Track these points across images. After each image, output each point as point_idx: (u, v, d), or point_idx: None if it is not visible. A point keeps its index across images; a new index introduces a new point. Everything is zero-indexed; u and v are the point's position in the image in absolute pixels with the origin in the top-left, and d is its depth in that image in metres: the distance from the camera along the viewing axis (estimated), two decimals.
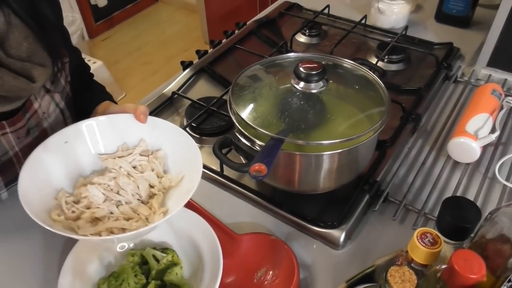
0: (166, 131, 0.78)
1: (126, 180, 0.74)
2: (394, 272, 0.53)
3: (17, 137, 0.86)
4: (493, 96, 1.00)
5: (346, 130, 0.90)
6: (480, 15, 1.41)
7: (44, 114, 0.89)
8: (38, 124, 0.89)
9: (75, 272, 0.73)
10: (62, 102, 0.94)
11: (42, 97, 0.88)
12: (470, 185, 0.92)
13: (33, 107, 0.87)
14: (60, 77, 0.91)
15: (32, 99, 0.86)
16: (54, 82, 0.89)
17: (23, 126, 0.86)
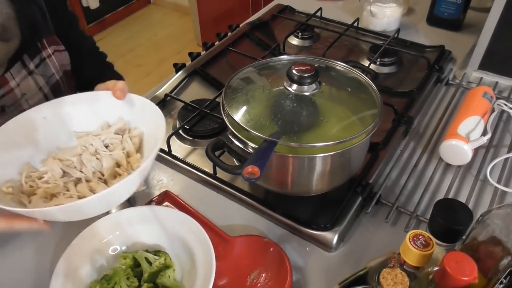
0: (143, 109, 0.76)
1: (89, 157, 0.73)
2: (386, 274, 0.53)
3: None
4: (485, 98, 1.00)
5: (339, 132, 0.91)
6: (472, 18, 1.42)
7: (24, 95, 0.88)
8: (15, 104, 0.88)
9: (67, 275, 0.72)
10: (47, 87, 0.93)
11: (22, 78, 0.87)
12: (462, 188, 0.92)
13: (9, 85, 0.85)
14: (47, 61, 0.90)
15: (8, 76, 0.84)
16: (39, 65, 0.89)
17: None
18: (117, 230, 0.80)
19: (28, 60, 0.88)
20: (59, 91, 0.98)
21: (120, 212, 0.82)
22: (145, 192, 0.92)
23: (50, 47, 0.93)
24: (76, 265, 0.74)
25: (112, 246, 0.79)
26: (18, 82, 0.87)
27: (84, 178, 0.71)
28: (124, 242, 0.80)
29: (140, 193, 0.92)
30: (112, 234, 0.79)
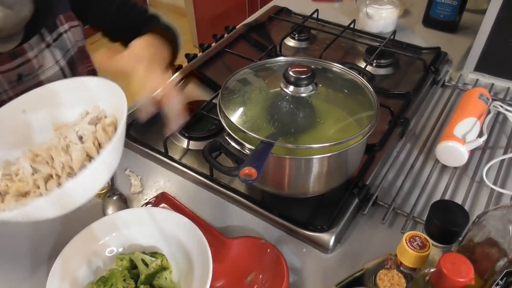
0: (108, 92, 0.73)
1: (57, 152, 0.69)
2: (383, 276, 0.53)
3: (9, 80, 0.90)
4: (481, 100, 1.01)
5: (336, 134, 0.91)
6: (467, 20, 1.42)
7: (41, 67, 0.94)
8: (32, 74, 0.93)
9: (63, 277, 0.72)
10: (63, 61, 0.99)
11: (40, 50, 0.93)
12: (458, 189, 0.92)
13: (27, 55, 0.90)
14: (64, 36, 0.97)
15: (26, 47, 0.89)
16: (56, 39, 0.95)
17: (12, 69, 0.89)
18: (114, 232, 0.79)
19: (47, 34, 0.93)
20: (74, 65, 1.02)
21: (116, 213, 0.82)
22: (142, 194, 0.92)
23: (67, 22, 0.98)
24: (73, 266, 0.74)
25: (108, 248, 0.79)
26: (36, 54, 0.92)
27: (54, 173, 0.68)
28: (121, 244, 0.79)
29: (137, 194, 0.92)
30: (108, 236, 0.79)
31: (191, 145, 1.02)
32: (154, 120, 1.10)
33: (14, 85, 0.91)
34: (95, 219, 0.80)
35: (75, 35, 1.01)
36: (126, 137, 1.02)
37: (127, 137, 1.02)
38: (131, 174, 0.95)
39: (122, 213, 0.82)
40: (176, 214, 0.80)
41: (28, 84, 0.93)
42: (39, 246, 0.83)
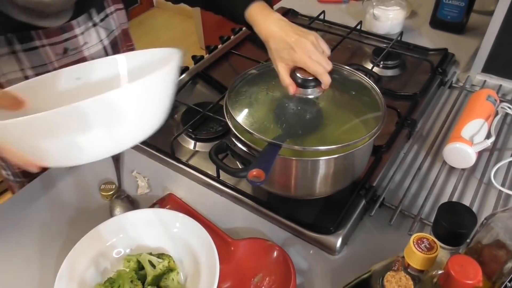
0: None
1: None
2: (390, 278, 0.53)
3: (55, 53, 0.95)
4: (488, 101, 1.00)
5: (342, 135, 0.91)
6: (475, 21, 1.42)
7: (86, 43, 1.00)
8: (77, 49, 0.99)
9: (71, 278, 0.72)
10: (107, 40, 1.05)
11: (86, 28, 0.99)
12: (466, 191, 0.92)
13: (74, 31, 0.96)
14: (110, 18, 1.04)
15: (74, 24, 0.96)
16: (103, 20, 1.02)
17: (60, 43, 0.95)
18: (121, 233, 0.80)
19: (95, 14, 0.99)
20: (116, 46, 1.09)
21: (124, 215, 0.82)
22: (149, 195, 0.93)
23: (113, 5, 1.05)
24: (80, 267, 0.74)
25: (116, 249, 0.79)
26: (83, 31, 0.98)
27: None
28: (128, 245, 0.80)
29: (144, 196, 0.92)
30: (116, 237, 0.79)
31: (197, 147, 1.03)
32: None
33: (60, 57, 0.97)
34: (102, 220, 0.80)
35: (120, 17, 1.08)
36: None
37: None
38: (138, 175, 0.96)
39: (129, 214, 0.82)
40: (183, 216, 0.81)
41: (72, 58, 0.99)
42: (47, 248, 0.83)
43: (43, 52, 0.94)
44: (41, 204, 0.92)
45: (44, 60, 0.94)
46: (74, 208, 0.90)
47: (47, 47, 0.94)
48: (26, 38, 0.90)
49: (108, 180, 0.94)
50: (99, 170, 0.98)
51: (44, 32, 0.91)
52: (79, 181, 0.96)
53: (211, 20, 3.14)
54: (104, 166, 0.98)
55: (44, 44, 0.93)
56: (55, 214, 0.89)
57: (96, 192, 0.93)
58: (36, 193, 0.94)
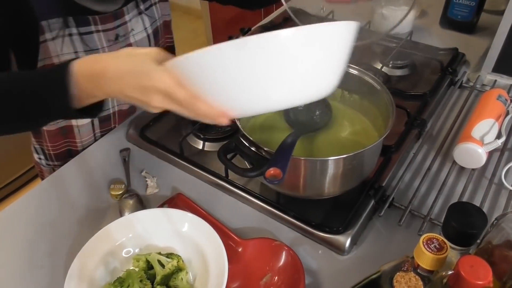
0: None
1: None
2: (400, 278, 0.53)
3: (108, 39, 1.00)
4: (499, 101, 1.00)
5: (352, 135, 0.91)
6: (485, 20, 1.41)
7: (132, 30, 1.05)
8: (126, 36, 1.04)
9: (80, 277, 0.73)
10: (150, 29, 1.09)
11: (134, 15, 1.04)
12: (476, 191, 0.91)
13: (124, 17, 1.01)
14: (153, 7, 1.09)
15: (124, 10, 1.00)
16: (147, 8, 1.07)
17: (112, 29, 1.00)
18: (130, 233, 0.80)
19: (141, 2, 1.04)
20: (157, 36, 1.13)
21: (133, 214, 0.82)
22: (158, 195, 0.93)
23: None
24: (90, 267, 0.75)
25: (125, 249, 0.79)
26: (131, 18, 1.03)
27: None
28: (137, 245, 0.80)
29: (153, 195, 0.93)
30: (125, 237, 0.80)
31: (206, 147, 1.03)
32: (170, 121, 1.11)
33: (111, 44, 1.01)
34: (111, 220, 0.80)
35: (163, 9, 1.12)
36: (142, 139, 1.03)
37: (143, 138, 1.03)
38: (147, 175, 0.96)
39: (138, 214, 0.82)
40: (192, 215, 0.81)
41: (121, 45, 1.03)
42: (57, 247, 0.84)
43: (97, 38, 0.98)
44: (51, 204, 0.92)
45: (96, 45, 0.98)
46: (84, 208, 0.91)
47: (101, 33, 0.98)
48: (83, 22, 0.94)
49: (118, 180, 0.95)
50: (109, 170, 0.98)
51: (100, 18, 0.96)
52: (89, 181, 0.96)
53: (220, 20, 3.15)
54: (113, 166, 0.99)
55: (99, 29, 0.97)
56: (65, 214, 0.90)
57: (106, 192, 0.93)
58: (46, 193, 0.95)
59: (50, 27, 0.90)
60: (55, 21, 0.90)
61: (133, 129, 1.06)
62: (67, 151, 1.11)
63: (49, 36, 0.91)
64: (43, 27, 0.90)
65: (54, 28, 0.91)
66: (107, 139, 1.08)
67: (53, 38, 0.92)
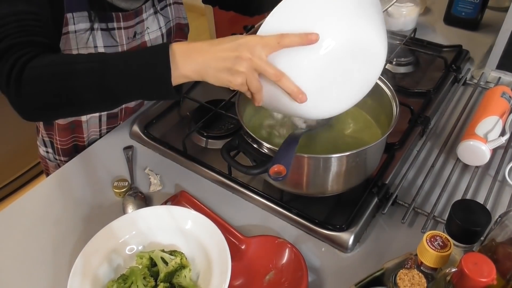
0: None
1: None
2: (403, 276, 0.53)
3: (128, 36, 1.01)
4: (503, 98, 0.99)
5: (355, 132, 0.90)
6: (489, 17, 1.40)
7: (148, 28, 1.06)
8: (142, 33, 1.05)
9: (84, 274, 0.73)
10: (164, 28, 1.11)
11: (150, 14, 1.05)
12: (480, 188, 0.91)
13: (142, 15, 1.03)
14: (168, 8, 1.11)
15: (143, 8, 1.02)
16: (163, 8, 1.09)
17: (132, 26, 1.01)
18: (134, 230, 0.80)
19: (157, 1, 1.06)
20: (170, 36, 1.15)
21: (136, 212, 0.82)
22: (161, 192, 0.93)
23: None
24: (94, 264, 0.75)
25: (128, 246, 0.80)
26: (147, 16, 1.05)
27: None
28: (141, 242, 0.80)
29: (156, 193, 0.93)
30: (128, 234, 0.80)
31: (209, 144, 1.03)
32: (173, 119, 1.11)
33: (130, 41, 1.02)
34: (115, 217, 0.81)
35: (177, 11, 1.15)
36: (145, 136, 1.03)
37: (146, 136, 1.03)
38: (151, 173, 0.96)
39: (141, 211, 0.83)
40: (195, 213, 0.81)
41: (137, 42, 1.05)
42: (61, 244, 0.84)
43: (118, 34, 0.99)
44: (55, 201, 0.92)
45: (117, 42, 0.99)
46: (87, 205, 0.91)
47: (122, 30, 0.99)
48: (106, 18, 0.96)
49: (121, 177, 0.95)
50: (112, 167, 0.98)
51: (123, 15, 0.97)
52: (92, 178, 0.97)
53: (224, 18, 3.14)
54: (117, 163, 0.99)
55: (121, 26, 0.99)
56: (69, 211, 0.90)
57: (109, 189, 0.93)
58: (50, 190, 0.95)
59: (74, 20, 0.91)
60: (80, 15, 0.91)
61: (137, 126, 1.06)
62: (73, 147, 1.11)
63: (72, 28, 0.92)
64: (67, 19, 0.90)
65: (78, 21, 0.92)
66: (111, 137, 1.08)
67: (76, 31, 0.92)
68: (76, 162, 1.01)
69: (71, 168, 1.00)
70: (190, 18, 1.26)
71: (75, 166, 1.00)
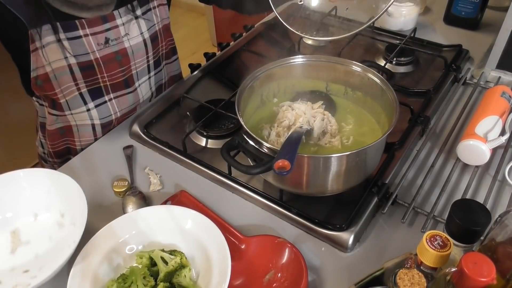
0: None
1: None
2: (403, 275, 0.53)
3: (97, 42, 1.00)
4: (503, 98, 0.99)
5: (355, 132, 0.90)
6: (489, 17, 1.40)
7: (127, 35, 1.05)
8: (118, 40, 1.03)
9: (84, 274, 0.73)
10: (147, 33, 1.09)
11: (128, 20, 1.04)
12: (480, 188, 0.91)
13: (115, 21, 1.01)
14: (152, 12, 1.09)
15: (116, 14, 1.01)
16: (145, 13, 1.07)
17: (101, 32, 0.99)
18: (134, 230, 0.80)
19: (137, 6, 1.05)
20: (156, 40, 1.13)
21: (136, 211, 0.82)
22: (161, 192, 0.93)
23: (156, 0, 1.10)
24: (94, 263, 0.75)
25: (128, 245, 0.79)
26: (124, 22, 1.03)
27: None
28: (141, 242, 0.80)
29: (156, 192, 0.93)
30: (128, 234, 0.80)
31: (209, 144, 1.03)
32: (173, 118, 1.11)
33: (102, 47, 1.01)
34: (115, 217, 0.81)
35: (162, 13, 1.13)
36: (145, 136, 1.03)
37: (146, 136, 1.03)
38: (151, 172, 0.96)
39: (141, 211, 0.82)
40: (195, 212, 0.81)
41: (113, 49, 1.03)
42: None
43: (86, 41, 0.98)
44: None
45: (86, 49, 0.98)
46: (88, 205, 0.90)
47: (89, 37, 0.98)
48: (70, 27, 0.95)
49: (121, 177, 0.95)
50: (112, 167, 0.98)
51: (87, 21, 0.96)
52: (92, 178, 0.97)
53: (224, 17, 3.14)
54: (116, 163, 0.99)
55: (87, 33, 0.97)
56: None
57: (109, 189, 0.93)
58: None
59: (40, 35, 0.91)
60: (44, 28, 0.91)
61: (137, 126, 1.06)
62: (65, 149, 1.11)
63: (38, 44, 0.92)
64: (33, 36, 0.91)
65: (44, 35, 0.92)
66: (111, 136, 1.08)
67: (43, 46, 0.93)
68: (76, 162, 1.01)
69: (71, 167, 1.00)
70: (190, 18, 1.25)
71: (75, 166, 1.00)
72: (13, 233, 0.83)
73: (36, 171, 0.88)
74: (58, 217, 0.85)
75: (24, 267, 0.79)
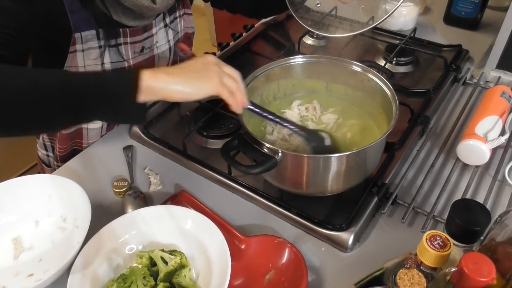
0: None
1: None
2: (403, 275, 0.53)
3: (134, 51, 1.02)
4: (503, 98, 0.99)
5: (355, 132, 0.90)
6: (489, 17, 1.40)
7: (157, 42, 1.07)
8: (150, 48, 1.06)
9: (84, 274, 0.73)
10: (173, 41, 1.12)
11: (160, 28, 1.06)
12: (480, 188, 0.91)
13: (151, 30, 1.03)
14: (178, 20, 1.11)
15: (153, 23, 1.03)
16: (173, 21, 1.10)
17: (140, 42, 1.02)
18: (134, 230, 0.80)
19: (167, 15, 1.07)
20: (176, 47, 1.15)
21: (136, 211, 0.82)
22: (161, 192, 0.93)
23: (183, 9, 1.13)
24: (94, 263, 0.75)
25: (128, 245, 0.80)
26: (157, 30, 1.05)
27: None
28: (141, 241, 0.80)
29: (156, 192, 0.93)
30: (128, 234, 0.80)
31: (209, 144, 1.03)
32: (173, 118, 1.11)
33: (136, 55, 1.03)
34: (115, 217, 0.81)
35: (186, 21, 1.15)
36: (145, 136, 1.03)
37: (146, 136, 1.03)
38: (150, 172, 0.96)
39: (141, 211, 0.82)
40: (195, 212, 0.81)
41: (144, 57, 1.05)
42: None
43: (124, 49, 0.99)
44: None
45: (123, 57, 1.00)
46: None
47: (128, 45, 0.99)
48: (113, 34, 0.96)
49: (121, 177, 0.95)
50: (112, 167, 0.98)
51: (130, 31, 0.98)
52: (92, 178, 0.97)
53: (224, 17, 3.14)
54: (116, 163, 0.99)
55: (127, 42, 0.99)
56: None
57: (109, 189, 0.93)
58: None
59: (82, 39, 0.92)
60: (88, 34, 0.92)
61: (137, 126, 1.06)
62: (71, 152, 1.11)
63: (79, 47, 0.92)
64: (75, 39, 0.91)
65: (86, 40, 0.92)
66: (111, 136, 1.08)
67: (83, 50, 0.93)
68: (76, 162, 1.01)
69: (71, 167, 1.00)
70: None
71: (75, 166, 1.00)
72: (14, 240, 0.83)
73: (39, 177, 0.88)
74: (60, 222, 0.85)
75: (28, 272, 0.79)
